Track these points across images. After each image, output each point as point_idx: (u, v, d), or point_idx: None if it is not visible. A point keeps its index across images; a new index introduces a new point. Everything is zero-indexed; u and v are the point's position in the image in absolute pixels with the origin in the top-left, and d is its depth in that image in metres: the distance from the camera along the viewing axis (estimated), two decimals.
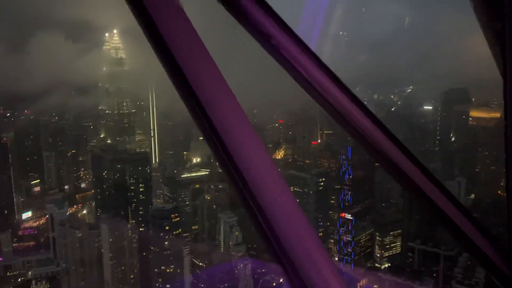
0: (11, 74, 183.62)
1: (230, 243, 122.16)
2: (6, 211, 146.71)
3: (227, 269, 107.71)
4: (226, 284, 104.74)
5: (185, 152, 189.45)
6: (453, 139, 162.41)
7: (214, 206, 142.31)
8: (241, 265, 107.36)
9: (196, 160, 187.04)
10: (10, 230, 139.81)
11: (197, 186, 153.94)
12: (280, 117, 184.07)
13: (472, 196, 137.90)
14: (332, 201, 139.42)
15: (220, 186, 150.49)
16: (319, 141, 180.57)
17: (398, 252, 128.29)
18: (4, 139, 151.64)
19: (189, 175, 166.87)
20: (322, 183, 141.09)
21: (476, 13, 3.58)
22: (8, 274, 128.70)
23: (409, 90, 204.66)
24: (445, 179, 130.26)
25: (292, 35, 4.08)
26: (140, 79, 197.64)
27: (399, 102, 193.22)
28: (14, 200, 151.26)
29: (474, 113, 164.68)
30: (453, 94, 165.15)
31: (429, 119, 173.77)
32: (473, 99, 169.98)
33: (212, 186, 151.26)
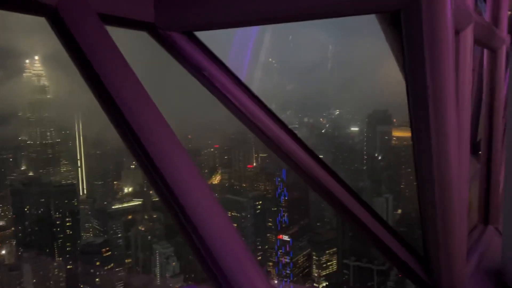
0: None
1: (167, 274, 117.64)
2: None
3: None
4: None
5: (115, 182, 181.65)
6: (379, 158, 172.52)
7: (149, 237, 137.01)
8: None
9: (127, 189, 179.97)
10: None
11: (130, 216, 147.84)
12: (215, 142, 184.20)
13: (399, 211, 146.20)
14: (270, 224, 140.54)
15: (154, 216, 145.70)
16: (254, 164, 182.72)
17: (334, 270, 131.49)
18: None
19: (120, 205, 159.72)
20: (259, 206, 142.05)
21: (387, 38, 3.93)
22: None
23: (337, 112, 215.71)
24: (374, 196, 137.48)
25: (222, 66, 4.24)
26: (65, 107, 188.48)
27: (327, 125, 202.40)
28: None
29: (396, 133, 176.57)
30: (377, 116, 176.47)
31: (356, 139, 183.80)
32: (395, 120, 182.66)
33: (146, 216, 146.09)
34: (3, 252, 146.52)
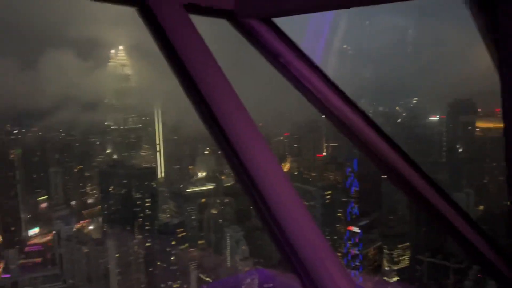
0: (21, 91, 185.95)
1: (237, 257, 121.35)
2: (13, 228, 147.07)
3: (234, 283, 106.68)
4: None
5: (190, 167, 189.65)
6: (460, 150, 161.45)
7: (220, 220, 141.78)
8: (248, 278, 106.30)
9: (201, 174, 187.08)
10: (17, 247, 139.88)
11: (203, 200, 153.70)
12: (285, 130, 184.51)
13: (481, 207, 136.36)
14: (339, 214, 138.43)
15: (226, 200, 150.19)
16: (324, 153, 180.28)
17: (406, 265, 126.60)
18: (12, 155, 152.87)
19: (195, 189, 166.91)
20: (328, 196, 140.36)
21: (476, 24, 3.70)
22: None
23: (414, 101, 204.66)
24: (453, 191, 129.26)
25: (300, 53, 4.25)
26: (146, 95, 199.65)
27: (404, 114, 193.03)
28: (21, 216, 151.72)
29: (481, 124, 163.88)
30: (459, 105, 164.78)
31: (435, 130, 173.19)
32: (479, 110, 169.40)
33: (218, 201, 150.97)
34: (91, 227, 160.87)
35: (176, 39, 2.85)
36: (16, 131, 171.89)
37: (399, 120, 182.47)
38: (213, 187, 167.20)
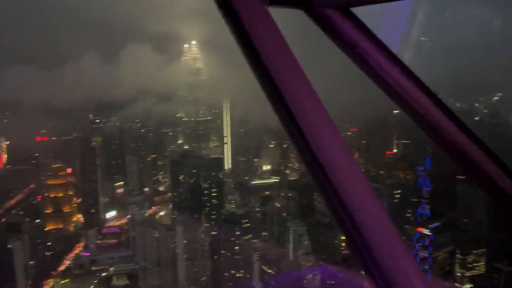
0: (103, 83, 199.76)
1: (300, 251, 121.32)
2: (93, 210, 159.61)
3: (296, 277, 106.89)
4: None
5: (255, 159, 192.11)
6: None
7: (284, 214, 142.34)
8: (311, 274, 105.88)
9: (266, 167, 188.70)
10: (96, 228, 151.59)
11: (267, 193, 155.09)
12: (354, 125, 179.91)
13: None
14: (408, 215, 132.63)
15: (289, 194, 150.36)
16: (394, 151, 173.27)
17: (481, 272, 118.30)
18: (94, 143, 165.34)
19: (259, 181, 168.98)
20: (397, 196, 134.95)
21: None
22: (93, 268, 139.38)
23: (497, 97, 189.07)
24: None
25: (379, 43, 4.07)
26: (216, 88, 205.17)
27: (485, 111, 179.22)
28: (100, 200, 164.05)
29: None
30: None
31: None
32: None
33: (281, 194, 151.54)
34: (162, 213, 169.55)
35: (254, 31, 2.84)
36: (98, 121, 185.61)
37: (477, 118, 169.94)
38: (277, 180, 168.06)
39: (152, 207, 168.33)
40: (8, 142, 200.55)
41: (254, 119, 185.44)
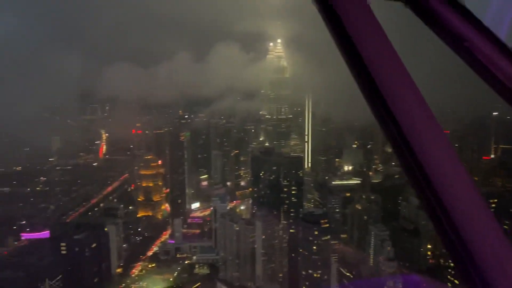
0: (193, 81, 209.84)
1: (381, 257, 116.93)
2: (179, 201, 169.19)
3: (377, 284, 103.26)
4: None
5: (337, 159, 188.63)
6: None
7: (365, 217, 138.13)
8: (392, 282, 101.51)
9: (347, 168, 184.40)
10: (182, 218, 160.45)
11: (348, 194, 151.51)
12: (445, 126, 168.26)
13: None
14: (506, 227, 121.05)
15: (372, 197, 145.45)
16: (492, 156, 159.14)
17: None
18: (182, 137, 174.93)
19: (340, 182, 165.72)
20: (493, 205, 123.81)
21: None
22: (177, 255, 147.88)
23: None
24: None
25: (489, 35, 3.75)
26: (299, 86, 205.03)
27: None
28: (186, 191, 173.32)
29: None
30: None
31: None
32: None
33: (363, 196, 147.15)
34: (242, 207, 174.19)
35: (353, 26, 2.70)
36: (186, 116, 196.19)
37: None
38: (359, 182, 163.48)
39: (233, 201, 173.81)
40: (107, 134, 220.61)
41: (336, 117, 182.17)
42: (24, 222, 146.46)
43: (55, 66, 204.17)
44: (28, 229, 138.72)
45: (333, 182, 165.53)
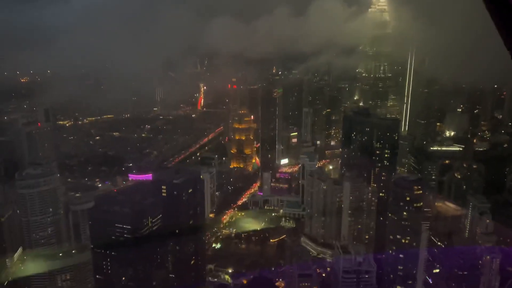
0: (291, 36, 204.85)
1: (478, 229, 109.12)
2: (269, 155, 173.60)
3: (469, 255, 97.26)
4: (466, 272, 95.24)
5: (438, 124, 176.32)
6: None
7: (464, 186, 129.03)
8: (488, 255, 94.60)
9: (449, 133, 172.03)
10: (271, 172, 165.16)
11: (447, 161, 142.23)
12: None
13: None
14: None
15: (474, 166, 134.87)
16: None
17: None
18: (275, 94, 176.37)
19: (439, 148, 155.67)
20: None
21: None
22: (265, 207, 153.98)
23: None
24: None
25: None
26: (401, 43, 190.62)
27: None
28: (276, 147, 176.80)
29: None
30: None
31: None
32: None
33: (464, 165, 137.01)
34: (331, 167, 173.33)
35: None
36: (280, 73, 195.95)
37: None
38: (460, 149, 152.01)
39: (322, 160, 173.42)
40: (205, 87, 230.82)
41: (443, 78, 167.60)
42: (131, 164, 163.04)
43: (166, 21, 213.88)
44: (134, 171, 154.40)
45: (431, 148, 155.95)
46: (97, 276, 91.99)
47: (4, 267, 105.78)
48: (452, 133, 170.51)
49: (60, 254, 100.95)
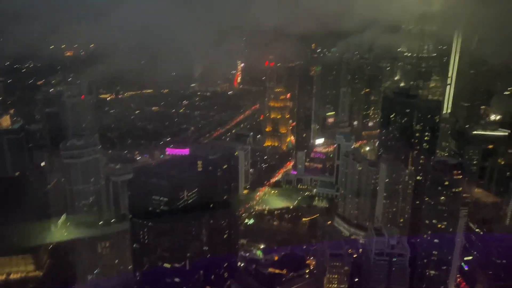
0: (334, 11, 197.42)
1: None
2: (304, 135, 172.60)
3: (509, 244, 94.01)
4: (504, 261, 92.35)
5: (483, 107, 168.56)
6: None
7: (508, 173, 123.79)
8: None
9: (495, 117, 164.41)
10: (305, 151, 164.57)
11: (491, 146, 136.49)
12: None
13: None
14: None
15: None
16: None
17: None
18: (312, 72, 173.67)
19: (483, 132, 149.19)
20: None
21: None
22: (298, 186, 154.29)
23: None
24: None
25: None
26: (447, 21, 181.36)
27: None
28: (312, 126, 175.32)
29: None
30: None
31: None
32: None
33: (509, 151, 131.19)
34: (367, 148, 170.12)
35: None
36: (319, 50, 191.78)
37: None
38: (506, 134, 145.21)
39: (359, 141, 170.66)
40: (243, 64, 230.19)
41: (492, 59, 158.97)
42: (169, 139, 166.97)
43: None
44: (171, 145, 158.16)
45: (474, 132, 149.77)
46: (134, 245, 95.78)
47: (49, 232, 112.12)
48: (498, 117, 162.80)
49: (101, 222, 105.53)
